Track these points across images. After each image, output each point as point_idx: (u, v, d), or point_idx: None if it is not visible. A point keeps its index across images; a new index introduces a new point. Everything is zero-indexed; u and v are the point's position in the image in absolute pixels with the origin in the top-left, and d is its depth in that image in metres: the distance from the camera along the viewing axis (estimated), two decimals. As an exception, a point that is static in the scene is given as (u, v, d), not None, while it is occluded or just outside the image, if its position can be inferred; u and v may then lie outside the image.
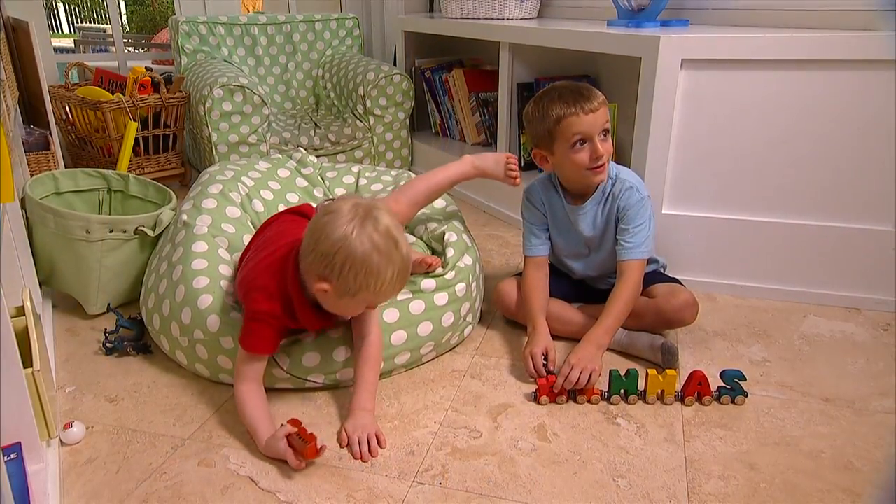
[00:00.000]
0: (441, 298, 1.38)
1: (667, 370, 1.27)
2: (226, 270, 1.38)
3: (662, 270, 1.59)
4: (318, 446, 1.07)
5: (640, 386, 1.28)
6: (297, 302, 1.17)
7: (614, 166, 1.44)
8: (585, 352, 1.30)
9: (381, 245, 1.07)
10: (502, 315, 1.59)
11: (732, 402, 1.26)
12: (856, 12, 1.57)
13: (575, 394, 1.28)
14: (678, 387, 1.27)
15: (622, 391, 1.27)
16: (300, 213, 1.44)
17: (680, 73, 1.57)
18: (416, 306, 1.35)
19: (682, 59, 1.56)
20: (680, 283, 1.50)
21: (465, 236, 1.56)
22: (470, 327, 1.51)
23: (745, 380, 1.26)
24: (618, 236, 1.41)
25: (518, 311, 1.51)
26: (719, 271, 1.71)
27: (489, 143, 2.64)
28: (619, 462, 1.12)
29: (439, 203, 1.72)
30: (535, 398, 1.27)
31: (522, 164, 2.32)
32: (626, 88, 2.16)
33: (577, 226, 1.46)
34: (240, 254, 1.43)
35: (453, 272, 1.43)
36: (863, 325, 1.56)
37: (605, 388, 1.28)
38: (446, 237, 1.54)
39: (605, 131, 1.34)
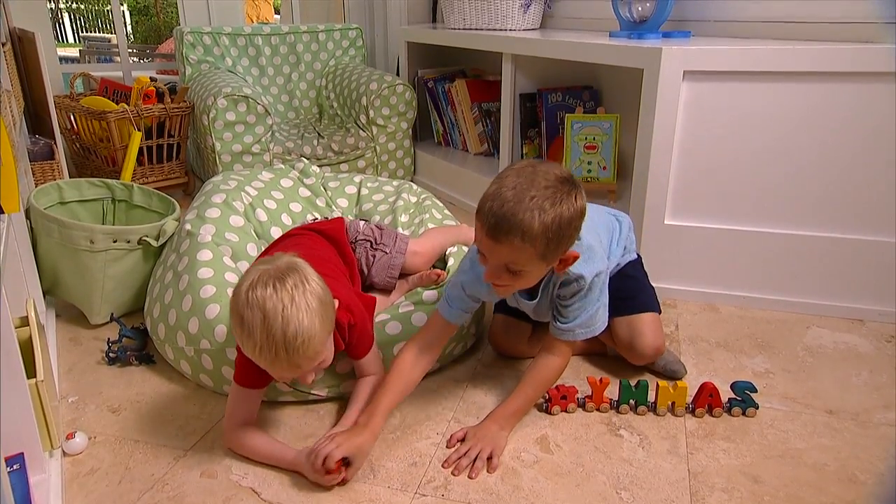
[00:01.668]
0: (444, 309, 1.38)
1: (677, 382, 1.27)
2: (231, 278, 1.38)
3: (637, 258, 1.44)
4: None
5: (651, 398, 1.27)
6: None
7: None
8: (486, 430, 1.17)
9: (254, 310, 0.98)
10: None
11: (743, 413, 1.26)
12: (857, 25, 1.58)
13: (584, 401, 1.27)
14: (689, 399, 1.26)
15: (632, 402, 1.27)
16: (320, 232, 1.42)
17: (682, 84, 1.58)
18: (419, 318, 1.35)
19: (683, 71, 1.56)
20: (647, 299, 1.39)
21: (465, 248, 1.57)
22: (473, 338, 1.51)
23: (756, 391, 1.26)
24: (554, 313, 1.23)
25: (507, 346, 1.45)
26: (722, 282, 1.71)
27: (491, 152, 2.65)
28: (623, 474, 1.11)
29: (439, 216, 1.73)
30: (547, 409, 1.27)
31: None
32: (628, 99, 2.17)
33: (523, 307, 1.32)
34: (245, 263, 1.43)
35: (456, 283, 1.43)
36: (866, 337, 1.56)
37: (615, 398, 1.27)
38: (448, 248, 1.55)
39: (510, 271, 1.08)
